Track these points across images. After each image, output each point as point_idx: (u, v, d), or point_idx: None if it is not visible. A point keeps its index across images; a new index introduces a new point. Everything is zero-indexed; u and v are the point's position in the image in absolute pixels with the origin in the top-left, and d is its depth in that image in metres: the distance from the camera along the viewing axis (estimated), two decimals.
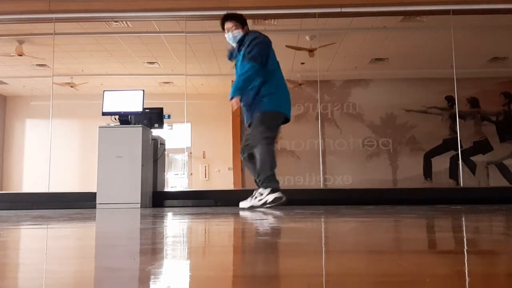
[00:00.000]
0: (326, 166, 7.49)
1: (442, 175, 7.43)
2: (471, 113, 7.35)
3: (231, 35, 3.89)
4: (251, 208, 3.71)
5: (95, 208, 4.50)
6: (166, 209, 4.25)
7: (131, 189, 4.54)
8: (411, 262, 0.91)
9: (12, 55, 7.37)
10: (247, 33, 3.91)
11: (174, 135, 8.50)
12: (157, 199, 5.04)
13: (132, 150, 4.60)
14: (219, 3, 5.94)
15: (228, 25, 3.91)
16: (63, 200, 5.14)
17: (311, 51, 6.73)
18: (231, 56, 4.12)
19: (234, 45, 3.93)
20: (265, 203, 3.66)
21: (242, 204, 3.84)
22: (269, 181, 3.70)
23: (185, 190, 7.47)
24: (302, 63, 7.52)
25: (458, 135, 6.27)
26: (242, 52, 3.81)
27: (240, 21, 3.92)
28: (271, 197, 3.65)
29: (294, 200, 4.25)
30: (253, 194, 3.78)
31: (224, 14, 4.00)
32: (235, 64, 3.97)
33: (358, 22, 6.54)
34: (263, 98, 3.77)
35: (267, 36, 3.89)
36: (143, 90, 4.82)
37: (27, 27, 6.64)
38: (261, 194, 3.70)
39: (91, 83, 8.85)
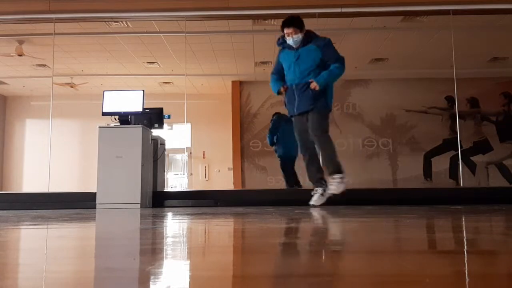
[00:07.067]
0: None
1: (442, 175, 7.43)
2: (471, 113, 7.35)
3: (292, 40, 4.02)
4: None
5: (95, 208, 4.50)
6: (166, 209, 4.25)
7: (131, 189, 4.53)
8: (411, 262, 0.91)
9: (12, 55, 7.36)
10: (309, 33, 4.07)
11: (174, 135, 8.50)
12: (157, 199, 5.03)
13: (132, 150, 4.60)
14: (219, 3, 5.93)
15: (288, 30, 4.02)
16: (63, 200, 5.13)
17: None
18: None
19: (294, 46, 4.05)
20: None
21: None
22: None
23: (185, 190, 7.47)
24: None
25: (458, 135, 6.26)
26: (311, 47, 3.99)
27: (299, 26, 4.06)
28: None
29: (293, 201, 4.26)
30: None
31: (284, 20, 4.10)
32: (295, 56, 4.06)
33: (358, 22, 6.54)
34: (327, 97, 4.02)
35: None
36: (143, 90, 4.81)
37: (27, 27, 6.64)
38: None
39: (91, 83, 8.85)
